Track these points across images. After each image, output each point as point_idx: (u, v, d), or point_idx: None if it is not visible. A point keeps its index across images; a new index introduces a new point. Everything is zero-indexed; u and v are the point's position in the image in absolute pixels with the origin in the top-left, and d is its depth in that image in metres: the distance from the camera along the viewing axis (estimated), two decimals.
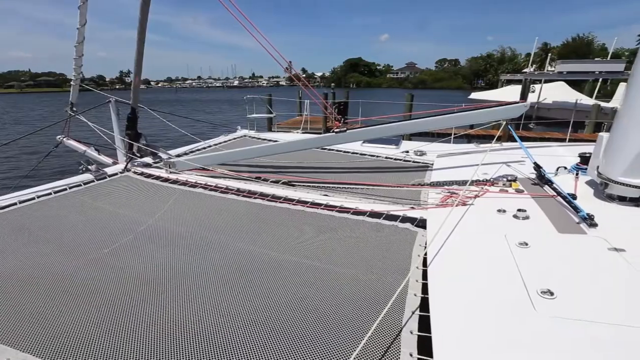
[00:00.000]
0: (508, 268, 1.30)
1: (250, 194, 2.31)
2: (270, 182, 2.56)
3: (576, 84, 21.95)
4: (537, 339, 0.96)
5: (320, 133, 3.16)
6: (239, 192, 2.35)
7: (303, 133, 4.60)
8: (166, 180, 2.63)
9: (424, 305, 1.15)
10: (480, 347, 0.95)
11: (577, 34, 55.65)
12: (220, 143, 4.03)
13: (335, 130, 2.70)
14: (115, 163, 3.06)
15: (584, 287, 1.17)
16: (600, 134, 2.00)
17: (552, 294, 1.12)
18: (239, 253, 1.63)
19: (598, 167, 1.91)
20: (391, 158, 3.28)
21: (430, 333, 1.01)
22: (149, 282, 1.42)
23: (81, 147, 3.29)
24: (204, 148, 3.78)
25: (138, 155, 3.12)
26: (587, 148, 2.43)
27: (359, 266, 1.48)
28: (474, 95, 25.73)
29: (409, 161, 3.17)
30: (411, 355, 0.97)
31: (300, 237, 1.76)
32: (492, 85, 47.57)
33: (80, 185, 2.48)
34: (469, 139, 4.00)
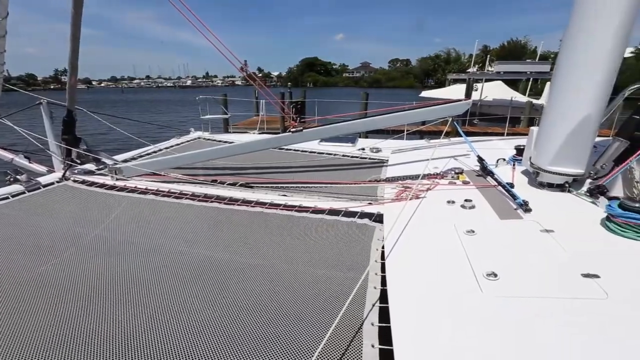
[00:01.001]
0: (457, 255, 1.39)
1: (207, 197, 2.22)
2: (227, 184, 2.49)
3: (512, 83, 24.11)
4: (485, 318, 1.04)
5: (277, 133, 3.13)
6: (194, 196, 2.25)
7: (260, 133, 4.52)
8: (112, 187, 2.44)
9: (384, 296, 1.19)
10: (435, 331, 1.01)
11: (511, 38, 61.02)
12: (172, 146, 3.83)
13: (291, 130, 2.69)
14: (50, 171, 2.77)
15: (522, 267, 1.29)
16: (531, 128, 2.22)
17: (496, 275, 1.21)
18: (196, 258, 1.57)
19: (530, 157, 2.12)
20: (348, 156, 3.34)
21: (390, 323, 1.05)
22: (95, 296, 1.31)
23: (7, 155, 2.93)
24: (155, 152, 3.56)
25: (78, 162, 2.86)
26: (521, 141, 2.67)
27: (320, 264, 1.49)
28: (425, 93, 27.11)
29: (365, 158, 3.26)
30: (373, 346, 1.00)
31: (259, 239, 1.73)
32: (441, 84, 50.43)
33: (7, 198, 2.21)
34: (421, 135, 4.23)
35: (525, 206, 1.72)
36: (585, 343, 0.93)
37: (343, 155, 3.35)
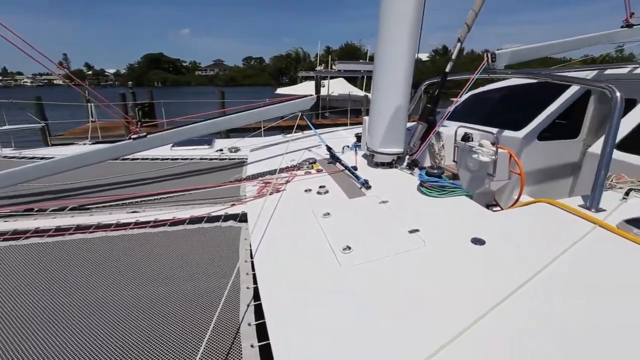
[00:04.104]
0: (318, 237, 1.52)
1: (19, 234, 1.70)
2: (51, 211, 1.98)
3: (352, 80, 28.00)
4: (345, 287, 1.18)
5: (118, 141, 2.63)
6: None
7: (94, 143, 3.73)
8: None
9: (258, 294, 1.20)
10: (305, 313, 1.07)
11: (347, 41, 70.81)
12: None
13: (132, 136, 2.34)
14: None
15: (369, 236, 1.51)
16: (364, 117, 2.62)
17: (350, 248, 1.38)
18: (16, 313, 1.19)
19: (366, 142, 2.50)
20: (206, 158, 3.16)
21: (265, 319, 1.07)
22: None
23: None
24: None
25: None
26: (360, 129, 3.13)
27: (188, 277, 1.37)
28: (280, 90, 28.42)
29: (225, 159, 3.16)
30: (252, 346, 1.00)
31: (107, 269, 1.45)
32: (294, 81, 53.57)
33: None
34: (282, 130, 4.39)
35: (366, 184, 2.03)
36: (415, 282, 1.18)
37: (200, 159, 3.15)
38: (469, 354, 0.89)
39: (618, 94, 1.78)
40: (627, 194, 1.71)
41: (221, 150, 3.37)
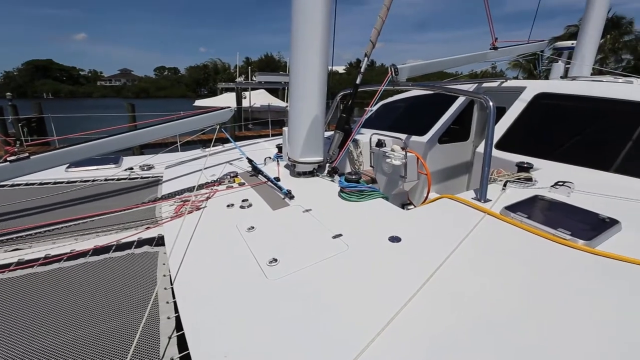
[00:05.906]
0: (242, 252, 1.47)
1: None
2: None
3: (273, 91, 28.15)
4: (274, 300, 1.16)
5: None
6: None
7: None
8: None
9: (180, 324, 1.10)
10: (233, 335, 1.02)
11: (266, 53, 71.53)
12: None
13: (8, 158, 1.96)
14: None
15: (295, 246, 1.51)
16: (284, 128, 2.65)
17: (276, 260, 1.37)
18: None
19: (287, 153, 2.53)
20: (112, 179, 2.80)
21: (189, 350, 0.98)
22: None
23: None
24: None
25: None
26: (281, 140, 3.15)
27: (94, 318, 1.18)
28: (198, 102, 27.04)
29: (136, 178, 2.84)
30: None
31: None
32: (214, 92, 51.67)
33: None
34: (203, 144, 4.12)
35: (289, 194, 2.04)
36: (341, 285, 1.22)
37: (105, 180, 2.77)
38: (397, 340, 0.95)
39: (491, 103, 2.14)
40: (505, 185, 2.06)
41: (131, 168, 3.03)
